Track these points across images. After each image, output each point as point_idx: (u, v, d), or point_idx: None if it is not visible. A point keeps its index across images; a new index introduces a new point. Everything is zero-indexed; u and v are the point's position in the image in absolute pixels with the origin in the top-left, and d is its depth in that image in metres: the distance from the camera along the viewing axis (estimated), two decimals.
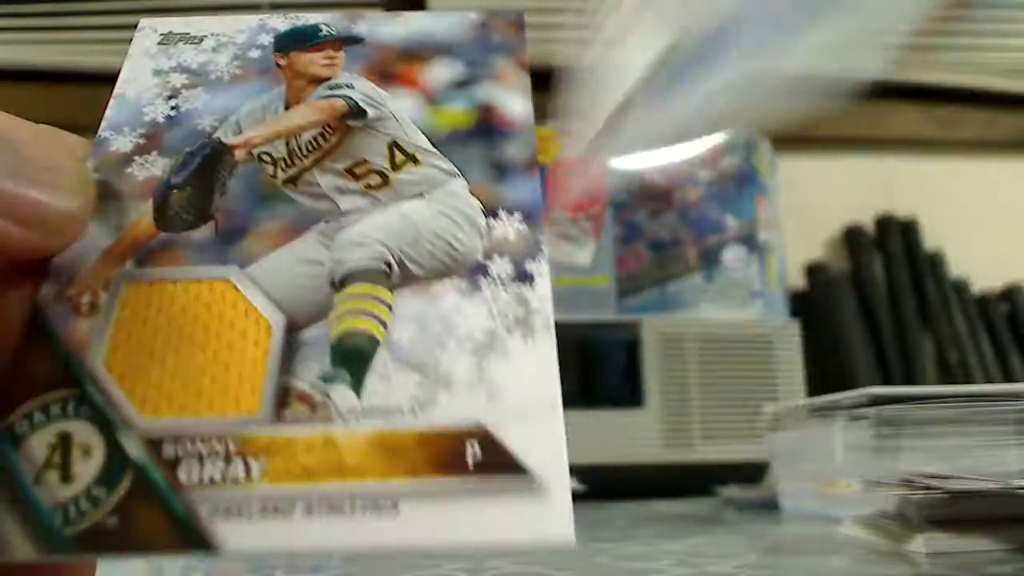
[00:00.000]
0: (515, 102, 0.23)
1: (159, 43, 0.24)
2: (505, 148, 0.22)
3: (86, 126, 0.27)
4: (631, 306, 0.93)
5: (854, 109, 1.31)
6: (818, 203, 1.29)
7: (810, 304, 1.20)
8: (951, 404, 0.38)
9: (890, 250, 1.26)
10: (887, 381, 1.16)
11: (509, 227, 0.20)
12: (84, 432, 0.16)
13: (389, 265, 0.19)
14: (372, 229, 0.20)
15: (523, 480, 0.16)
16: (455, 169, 0.21)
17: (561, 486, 0.16)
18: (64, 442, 0.16)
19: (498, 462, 0.16)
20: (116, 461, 0.16)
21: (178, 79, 0.23)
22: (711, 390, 0.79)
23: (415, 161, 0.21)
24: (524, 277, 0.19)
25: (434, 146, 0.22)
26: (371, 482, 0.16)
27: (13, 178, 0.17)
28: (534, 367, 0.17)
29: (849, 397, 0.42)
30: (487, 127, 0.22)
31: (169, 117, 0.22)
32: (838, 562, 0.37)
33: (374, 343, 0.18)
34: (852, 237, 1.28)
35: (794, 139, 1.25)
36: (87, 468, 0.16)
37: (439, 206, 0.21)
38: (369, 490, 0.15)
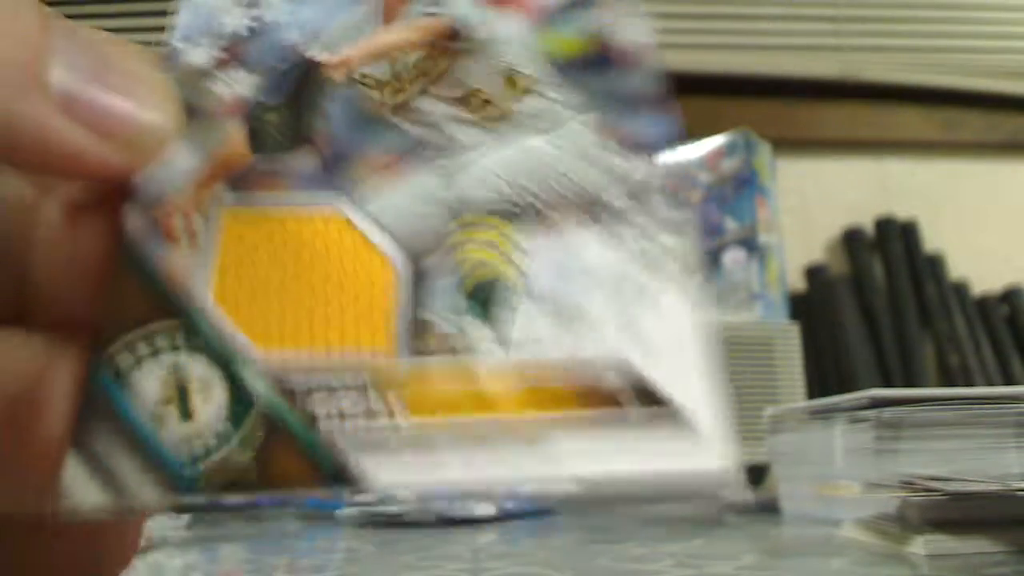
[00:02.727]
0: (632, 27, 0.20)
1: None
2: (627, 81, 0.19)
3: None
4: None
5: (854, 111, 1.31)
6: (818, 205, 1.29)
7: (810, 306, 1.20)
8: (951, 407, 0.38)
9: (890, 252, 1.26)
10: (887, 383, 1.16)
11: (640, 167, 0.18)
12: (197, 365, 0.15)
13: (517, 204, 0.18)
14: (497, 166, 0.18)
15: (670, 412, 0.15)
16: (576, 103, 0.19)
17: (711, 416, 0.15)
18: (177, 375, 0.14)
19: (644, 395, 0.15)
20: (239, 395, 0.14)
21: None
22: None
23: (533, 93, 0.19)
24: (663, 223, 0.17)
25: (550, 76, 0.19)
26: (515, 415, 0.15)
27: (97, 84, 0.15)
28: (677, 309, 0.16)
29: (849, 399, 0.42)
30: (605, 56, 0.20)
31: (251, 29, 0.19)
32: (838, 564, 0.37)
33: (506, 278, 0.16)
34: (852, 239, 1.28)
35: (794, 141, 1.25)
36: (207, 403, 0.14)
37: (564, 143, 0.19)
38: (514, 422, 0.15)
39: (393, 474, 0.14)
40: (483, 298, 0.16)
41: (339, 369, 0.15)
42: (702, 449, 0.15)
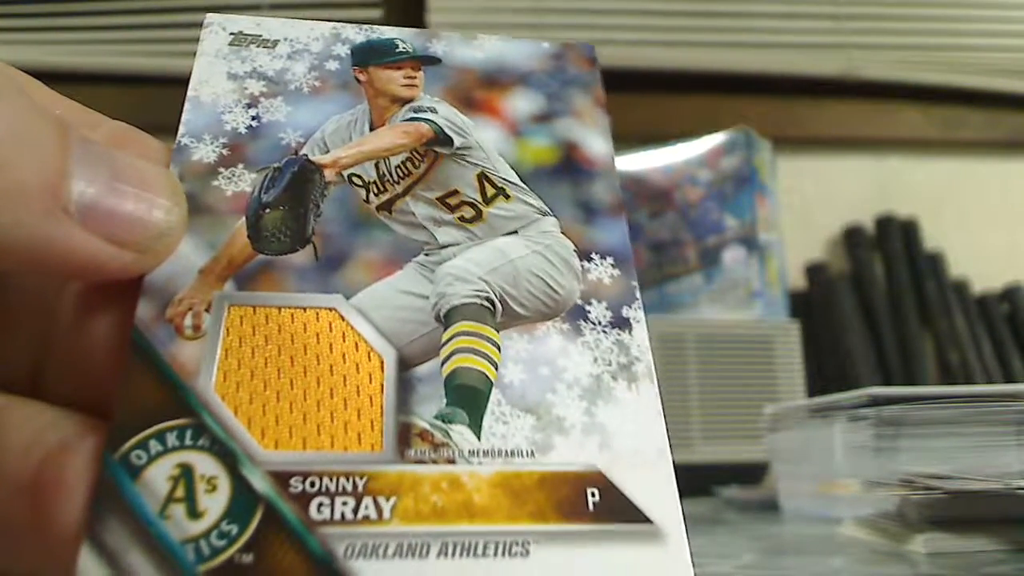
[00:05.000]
0: (596, 141, 0.22)
1: (230, 43, 0.22)
2: (590, 189, 0.22)
3: None
4: None
5: (854, 109, 1.31)
6: (818, 203, 1.29)
7: (810, 304, 1.20)
8: (951, 405, 0.38)
9: (890, 250, 1.26)
10: (887, 381, 1.16)
11: (603, 271, 0.20)
12: (206, 464, 0.15)
13: (492, 302, 0.19)
14: (472, 264, 0.20)
15: (642, 526, 0.16)
16: (545, 207, 0.21)
17: (678, 532, 0.16)
18: (187, 474, 0.15)
19: (617, 508, 0.16)
20: (243, 495, 0.15)
21: (255, 86, 0.21)
22: (711, 390, 0.79)
23: (506, 196, 0.21)
24: (622, 323, 0.19)
25: (522, 181, 0.21)
26: (500, 525, 0.15)
27: (111, 194, 0.16)
28: (642, 415, 0.18)
29: (849, 397, 0.42)
30: (571, 165, 0.22)
31: (251, 127, 0.21)
32: (838, 563, 0.37)
33: (488, 384, 0.18)
34: (852, 237, 1.28)
35: (794, 139, 1.25)
36: (214, 502, 0.15)
37: (534, 245, 0.20)
38: (500, 532, 0.15)
39: None
40: (466, 404, 0.17)
41: (335, 473, 0.16)
42: (670, 565, 0.16)
